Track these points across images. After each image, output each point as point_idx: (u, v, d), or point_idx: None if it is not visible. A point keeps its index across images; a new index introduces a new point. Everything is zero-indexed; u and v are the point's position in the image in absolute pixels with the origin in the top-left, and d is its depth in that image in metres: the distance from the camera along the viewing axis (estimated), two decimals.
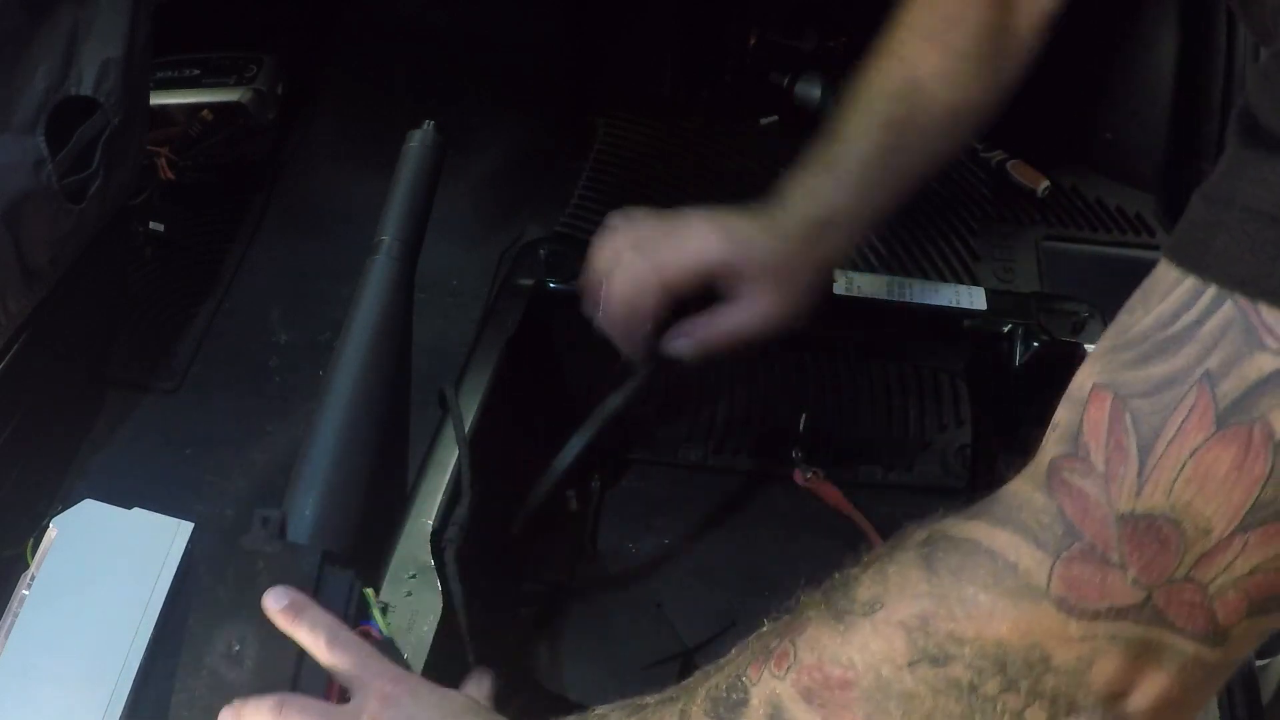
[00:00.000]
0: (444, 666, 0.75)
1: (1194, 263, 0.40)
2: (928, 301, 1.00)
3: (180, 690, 0.67)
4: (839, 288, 1.00)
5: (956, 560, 0.43)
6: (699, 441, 1.11)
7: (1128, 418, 0.39)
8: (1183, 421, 0.38)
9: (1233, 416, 0.37)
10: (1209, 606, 0.39)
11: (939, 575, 0.43)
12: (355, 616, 0.69)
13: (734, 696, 0.50)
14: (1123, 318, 0.43)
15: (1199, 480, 0.38)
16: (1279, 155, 0.38)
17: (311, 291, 1.26)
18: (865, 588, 0.47)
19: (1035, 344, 0.97)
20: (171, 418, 1.16)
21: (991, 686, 0.42)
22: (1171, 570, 0.39)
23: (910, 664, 0.43)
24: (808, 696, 0.46)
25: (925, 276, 1.24)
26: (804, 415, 1.09)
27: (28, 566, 0.98)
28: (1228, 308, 0.38)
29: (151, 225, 1.24)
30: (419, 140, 0.91)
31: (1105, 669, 0.41)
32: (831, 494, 1.05)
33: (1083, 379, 0.43)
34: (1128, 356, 0.41)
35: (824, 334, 1.06)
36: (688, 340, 0.86)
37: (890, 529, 0.51)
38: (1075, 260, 1.29)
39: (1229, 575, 0.38)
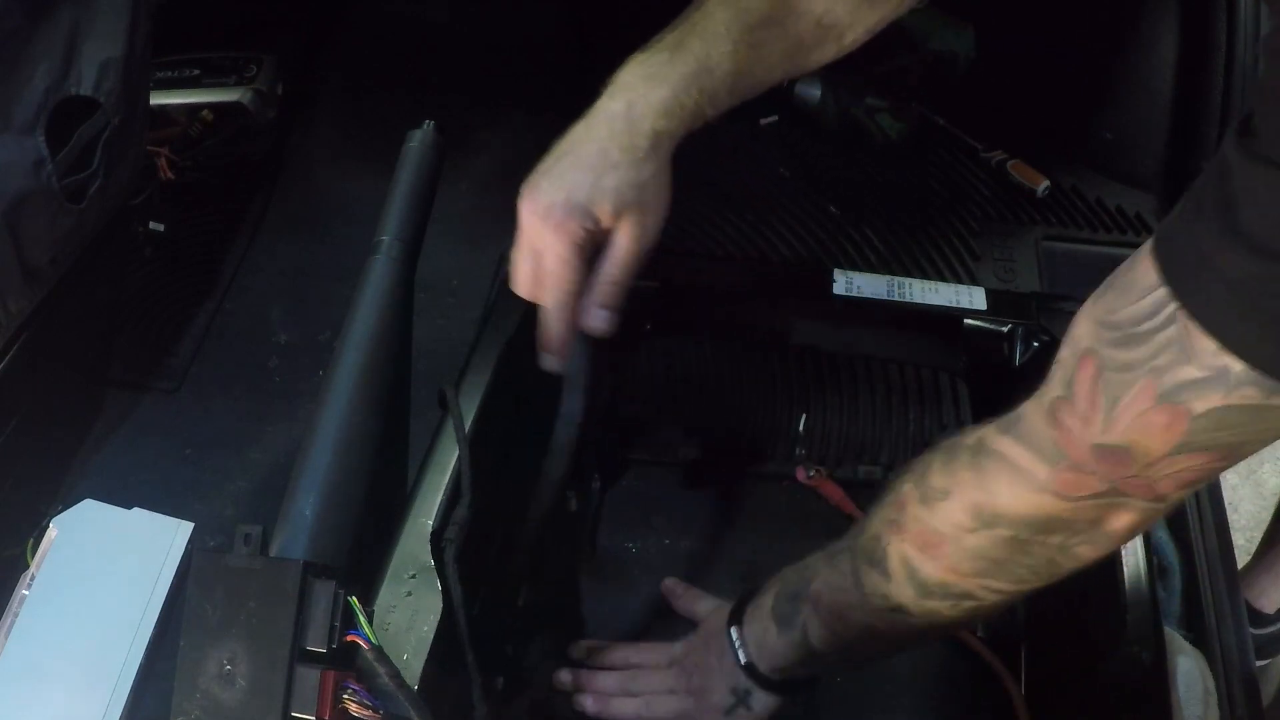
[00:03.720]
0: (444, 667, 0.75)
1: (1166, 273, 0.55)
2: (928, 301, 1.00)
3: (176, 714, 0.67)
4: (839, 288, 1.00)
5: (993, 466, 0.65)
6: (699, 441, 1.11)
7: (1102, 384, 0.58)
8: (1136, 395, 0.56)
9: (1166, 399, 0.55)
10: (1153, 487, 0.60)
11: (983, 476, 0.66)
12: (341, 627, 0.68)
13: (877, 548, 0.73)
14: (1110, 298, 0.58)
15: (1142, 428, 0.57)
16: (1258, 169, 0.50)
17: (311, 291, 1.26)
18: (939, 478, 0.69)
19: (1035, 344, 0.97)
20: (171, 418, 1.16)
21: (1023, 534, 0.65)
22: (1126, 473, 0.59)
23: (973, 530, 0.67)
24: (920, 549, 0.71)
25: (925, 276, 1.24)
26: (804, 415, 1.09)
27: (28, 566, 0.99)
28: (1176, 328, 0.54)
29: (151, 225, 1.24)
30: (419, 140, 0.91)
31: (1088, 515, 0.63)
32: (832, 493, 1.05)
33: (1079, 333, 0.60)
34: (1110, 336, 0.58)
35: (824, 334, 1.06)
36: (601, 313, 0.81)
37: None
38: (1075, 260, 1.29)
39: (1162, 472, 0.58)
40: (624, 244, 0.80)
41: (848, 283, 1.00)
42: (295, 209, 1.37)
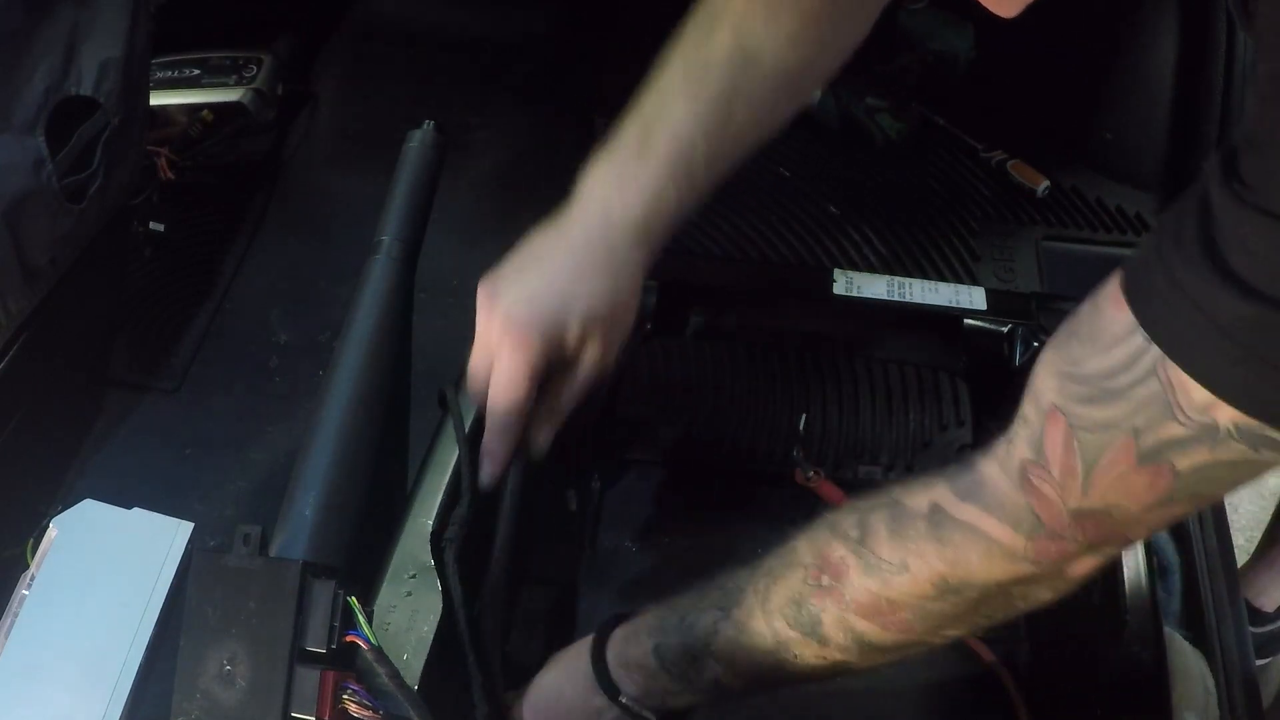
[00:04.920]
0: (444, 666, 0.75)
1: (1145, 321, 0.51)
2: (928, 301, 1.00)
3: (176, 714, 0.67)
4: (839, 288, 1.00)
5: (960, 538, 0.61)
6: (699, 441, 1.11)
7: (1076, 445, 0.54)
8: (1114, 457, 0.53)
9: (1148, 460, 0.53)
10: (1126, 537, 0.59)
11: (949, 549, 0.61)
12: (340, 627, 0.68)
13: (806, 615, 0.67)
14: (1074, 347, 0.55)
15: (1123, 490, 0.54)
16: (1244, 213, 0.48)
17: (311, 291, 1.26)
18: (889, 550, 0.64)
19: (1035, 344, 0.97)
20: (171, 418, 1.16)
21: (990, 593, 0.62)
22: (1104, 533, 0.57)
23: (937, 598, 0.63)
24: (868, 616, 0.65)
25: (925, 276, 1.24)
26: (804, 415, 1.09)
27: (28, 566, 0.99)
28: (1156, 382, 0.51)
29: (151, 225, 1.24)
30: (419, 140, 0.91)
31: (1055, 569, 0.61)
32: (832, 493, 1.05)
33: (1041, 387, 0.57)
34: (1079, 391, 0.54)
35: (824, 334, 1.06)
36: (544, 434, 0.80)
37: None
38: (1075, 260, 1.29)
39: (1140, 525, 0.57)
40: (587, 367, 0.77)
41: (848, 283, 1.00)
42: (295, 209, 1.37)
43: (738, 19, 0.77)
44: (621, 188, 0.76)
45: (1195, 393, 0.50)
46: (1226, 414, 0.50)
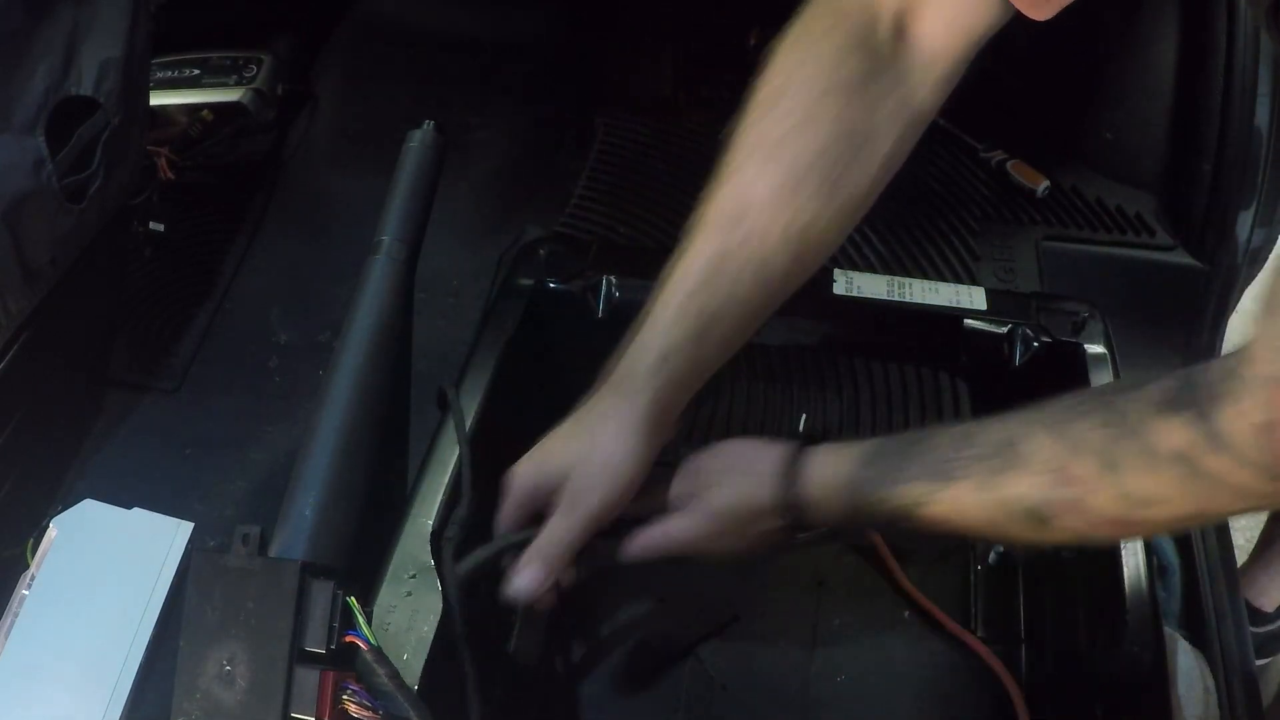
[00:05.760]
0: (444, 667, 0.75)
1: None
2: (928, 301, 1.00)
3: (176, 714, 0.67)
4: (839, 288, 1.00)
5: (1213, 485, 0.63)
6: (699, 442, 1.10)
7: None
8: None
9: None
10: None
11: (1203, 493, 0.64)
12: (340, 628, 0.68)
13: (1036, 514, 0.69)
14: None
15: None
16: None
17: (311, 291, 1.26)
18: (1137, 484, 0.65)
19: (1035, 344, 0.97)
20: (171, 418, 1.16)
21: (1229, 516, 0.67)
22: None
23: (1181, 524, 0.73)
24: (1104, 530, 0.71)
25: (925, 276, 1.24)
26: (804, 415, 1.09)
27: (28, 566, 0.99)
28: None
29: (151, 225, 1.24)
30: (419, 140, 0.91)
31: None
32: None
33: (1262, 360, 0.59)
34: None
35: (824, 334, 1.06)
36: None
37: None
38: (1075, 260, 1.29)
39: None
40: (559, 517, 0.79)
41: (848, 283, 1.00)
42: (295, 209, 1.37)
43: (740, 171, 0.80)
44: (631, 378, 0.81)
45: None
46: None
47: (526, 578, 0.78)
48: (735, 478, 0.82)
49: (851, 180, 0.80)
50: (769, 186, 0.78)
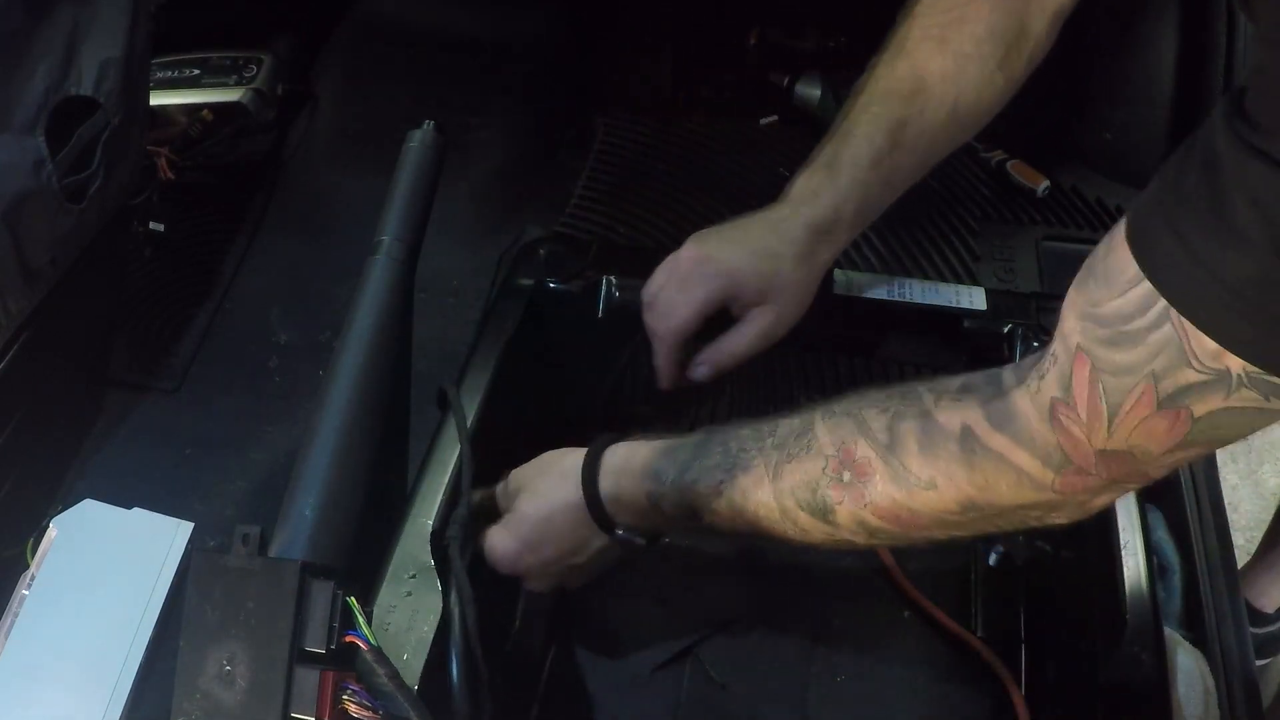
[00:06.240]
0: (444, 666, 0.75)
1: (1150, 270, 0.53)
2: (928, 301, 1.00)
3: (176, 714, 0.67)
4: (839, 288, 1.00)
5: (990, 466, 0.64)
6: None
7: (1101, 389, 0.57)
8: (1136, 401, 0.56)
9: (1167, 405, 0.55)
10: (1147, 475, 0.61)
11: (979, 474, 0.64)
12: (340, 628, 0.68)
13: (820, 501, 0.70)
14: (1092, 288, 0.59)
15: (1144, 433, 0.57)
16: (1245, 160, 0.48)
17: (311, 291, 1.26)
18: (918, 465, 0.66)
19: (1035, 344, 0.97)
20: (171, 418, 1.16)
21: (1011, 514, 0.66)
22: (1127, 471, 0.60)
23: (960, 515, 0.66)
24: (886, 518, 0.68)
25: (925, 276, 1.24)
26: None
27: (28, 566, 0.99)
28: (1169, 328, 0.53)
29: (151, 225, 1.24)
30: (419, 140, 0.91)
31: (1078, 500, 0.64)
32: None
33: (1068, 328, 0.60)
34: (1101, 334, 0.57)
35: (824, 334, 1.06)
36: (704, 368, 0.92)
37: None
38: (1075, 260, 1.27)
39: (1159, 465, 0.59)
40: (754, 327, 0.89)
41: (848, 283, 1.00)
42: (295, 209, 1.37)
43: (914, 50, 0.89)
44: (813, 198, 0.89)
45: (1206, 341, 0.51)
46: (1237, 363, 0.51)
47: (702, 373, 0.90)
48: (542, 481, 0.83)
49: (1008, 66, 0.88)
50: (940, 67, 0.88)
